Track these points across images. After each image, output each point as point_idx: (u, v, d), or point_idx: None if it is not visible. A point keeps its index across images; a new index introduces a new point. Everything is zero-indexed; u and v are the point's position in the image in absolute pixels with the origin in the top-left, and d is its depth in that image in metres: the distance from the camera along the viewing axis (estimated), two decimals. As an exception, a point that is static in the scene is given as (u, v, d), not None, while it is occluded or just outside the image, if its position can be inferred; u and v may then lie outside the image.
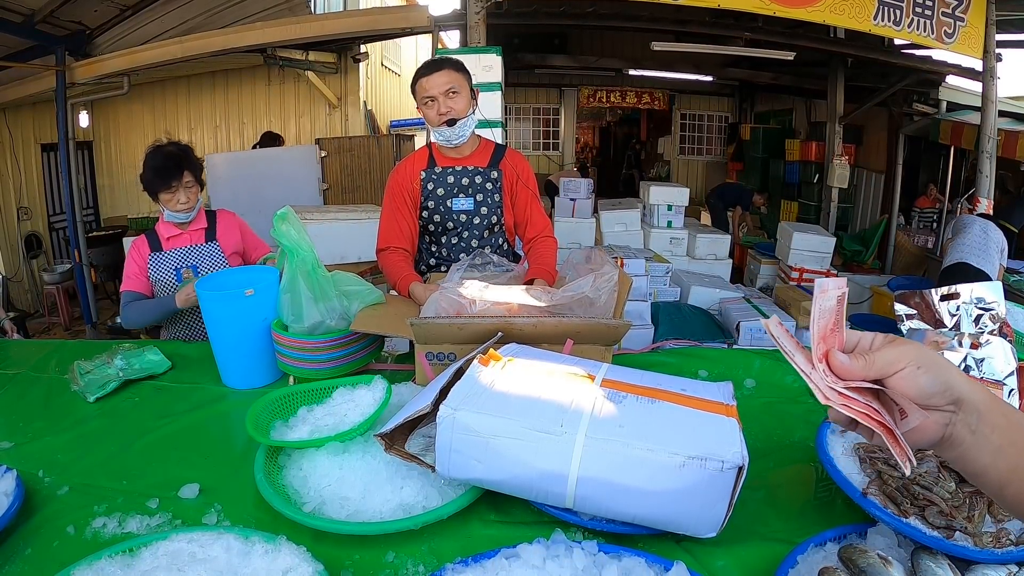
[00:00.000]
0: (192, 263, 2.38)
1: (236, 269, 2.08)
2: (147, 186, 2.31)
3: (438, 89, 2.10)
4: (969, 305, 1.81)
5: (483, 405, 1.09)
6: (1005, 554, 0.95)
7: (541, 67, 9.37)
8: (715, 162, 11.74)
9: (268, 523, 1.14)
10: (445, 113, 2.11)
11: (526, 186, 2.30)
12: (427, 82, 2.12)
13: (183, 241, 2.41)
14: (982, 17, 5.12)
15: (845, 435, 1.24)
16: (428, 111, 2.15)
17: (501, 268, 1.99)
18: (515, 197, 2.30)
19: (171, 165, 2.27)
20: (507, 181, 2.27)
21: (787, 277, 6.10)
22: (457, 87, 2.12)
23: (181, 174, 2.28)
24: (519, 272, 2.00)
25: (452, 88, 2.11)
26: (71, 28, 6.61)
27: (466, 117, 2.16)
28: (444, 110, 2.11)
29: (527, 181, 2.31)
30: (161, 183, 2.26)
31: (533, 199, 2.32)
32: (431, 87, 2.11)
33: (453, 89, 2.11)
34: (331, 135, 8.29)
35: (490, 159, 2.27)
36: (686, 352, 2.05)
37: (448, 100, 2.12)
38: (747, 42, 6.58)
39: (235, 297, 1.75)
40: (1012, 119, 6.76)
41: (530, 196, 2.31)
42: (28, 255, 7.97)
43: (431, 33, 6.13)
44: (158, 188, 2.28)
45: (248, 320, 1.77)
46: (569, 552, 0.98)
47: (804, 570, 0.98)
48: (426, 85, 2.12)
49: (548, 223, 2.35)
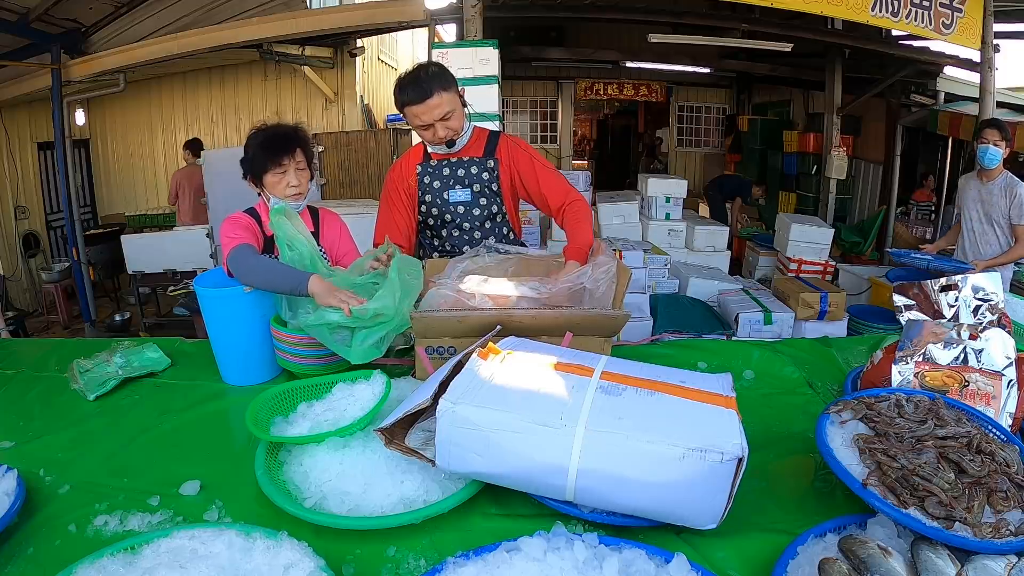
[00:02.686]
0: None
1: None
2: (251, 166, 1.97)
3: (431, 117, 2.03)
4: (968, 296, 1.81)
5: (483, 399, 1.10)
6: (1005, 544, 0.96)
7: (538, 60, 9.32)
8: (713, 154, 11.70)
9: (269, 519, 1.15)
10: (444, 136, 2.07)
11: (531, 162, 2.20)
12: (419, 109, 2.02)
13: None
14: (980, 8, 5.10)
15: (844, 426, 1.24)
16: (423, 133, 2.09)
17: (514, 252, 1.96)
18: (522, 179, 2.21)
19: (283, 139, 1.95)
20: (504, 170, 2.21)
21: (785, 268, 6.09)
22: (450, 109, 2.04)
23: (294, 150, 1.94)
24: (535, 255, 1.97)
25: (445, 112, 2.03)
26: (66, 26, 6.58)
27: (463, 132, 2.13)
28: (442, 134, 2.07)
29: (532, 158, 2.21)
30: (271, 160, 1.93)
31: (542, 170, 2.20)
32: (423, 116, 2.03)
33: (446, 112, 2.03)
34: (328, 130, 8.27)
35: (484, 148, 2.22)
36: (685, 344, 2.05)
37: (444, 124, 2.05)
38: (744, 33, 6.56)
39: (233, 295, 1.75)
40: (1010, 110, 6.74)
41: (538, 168, 2.20)
42: (26, 254, 7.95)
43: (427, 27, 6.10)
44: (266, 166, 1.93)
45: (246, 318, 1.76)
46: (570, 544, 0.98)
47: (804, 561, 0.99)
48: (417, 112, 2.03)
49: (569, 187, 2.19)
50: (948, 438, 1.17)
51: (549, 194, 2.17)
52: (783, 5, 4.86)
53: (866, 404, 1.30)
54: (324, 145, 7.39)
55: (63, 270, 7.41)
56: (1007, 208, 3.70)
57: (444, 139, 2.09)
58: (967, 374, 1.44)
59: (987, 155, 3.69)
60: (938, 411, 1.26)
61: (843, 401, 1.32)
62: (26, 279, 7.95)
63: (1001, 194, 3.72)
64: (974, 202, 3.89)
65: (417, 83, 2.02)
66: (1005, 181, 3.73)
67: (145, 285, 6.29)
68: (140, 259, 6.04)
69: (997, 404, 1.41)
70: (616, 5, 6.45)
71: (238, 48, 6.96)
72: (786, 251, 6.08)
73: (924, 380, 1.46)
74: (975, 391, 1.42)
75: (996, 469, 1.10)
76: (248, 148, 1.98)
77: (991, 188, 3.77)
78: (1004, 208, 3.71)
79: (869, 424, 1.24)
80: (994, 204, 3.76)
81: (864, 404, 1.30)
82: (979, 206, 3.86)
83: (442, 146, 2.12)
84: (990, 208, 3.79)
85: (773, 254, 6.61)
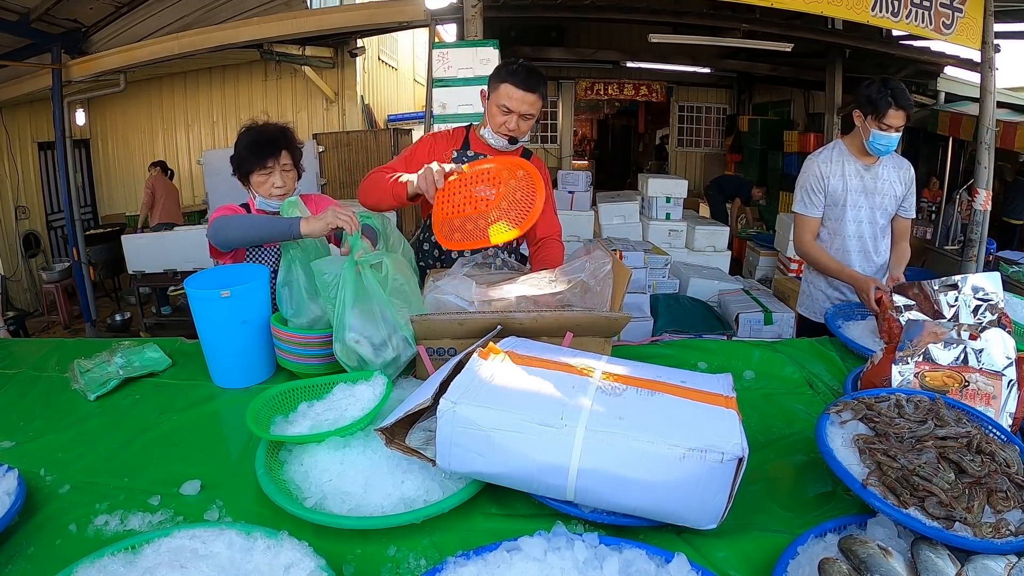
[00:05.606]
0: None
1: (228, 267, 1.94)
2: (238, 166, 2.03)
3: (521, 108, 2.10)
4: (968, 296, 1.82)
5: (483, 398, 1.10)
6: (1005, 544, 0.96)
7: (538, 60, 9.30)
8: (713, 154, 11.71)
9: (270, 519, 1.15)
10: (514, 130, 2.14)
11: (546, 187, 2.25)
12: (515, 94, 2.08)
13: None
14: (980, 8, 5.09)
15: (844, 426, 1.25)
16: (499, 116, 2.13)
17: (507, 268, 2.00)
18: None
19: (269, 141, 2.00)
20: None
21: (786, 268, 6.10)
22: (535, 112, 2.14)
23: (279, 152, 2.00)
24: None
25: (531, 113, 2.12)
26: (67, 26, 6.59)
27: (526, 138, 2.20)
28: (514, 127, 2.13)
29: (547, 183, 2.27)
30: (256, 161, 1.99)
31: (549, 198, 2.29)
32: (518, 103, 2.09)
33: (531, 113, 2.13)
34: (328, 130, 8.28)
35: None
36: (685, 344, 2.05)
37: (523, 121, 2.13)
38: (744, 33, 6.57)
39: (212, 298, 1.69)
40: (1010, 110, 6.74)
41: (548, 195, 2.26)
42: (26, 254, 7.96)
43: (428, 27, 6.11)
44: (252, 167, 1.99)
45: (229, 320, 1.71)
46: (570, 544, 0.98)
47: (804, 561, 0.99)
48: (515, 96, 2.08)
49: (560, 226, 2.34)
50: (948, 438, 1.17)
51: (545, 219, 2.23)
52: (783, 5, 4.86)
53: (866, 404, 1.30)
54: (324, 145, 7.41)
55: (63, 270, 7.42)
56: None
57: (513, 132, 2.14)
58: (967, 374, 1.44)
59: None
60: (938, 411, 1.26)
61: (843, 401, 1.32)
62: (26, 279, 7.96)
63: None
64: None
65: (531, 74, 2.10)
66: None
67: (145, 285, 6.30)
68: (140, 259, 6.04)
69: (997, 404, 1.41)
70: (616, 5, 6.46)
71: (238, 48, 6.97)
72: (786, 251, 6.08)
73: (924, 380, 1.46)
74: (975, 391, 1.42)
75: (996, 469, 1.10)
76: (236, 147, 2.03)
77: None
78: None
79: (869, 424, 1.24)
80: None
81: (864, 404, 1.30)
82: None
83: (501, 139, 2.16)
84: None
85: (773, 254, 6.62)
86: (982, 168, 5.32)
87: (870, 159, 2.46)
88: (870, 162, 2.46)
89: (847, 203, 2.48)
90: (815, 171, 2.50)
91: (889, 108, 2.28)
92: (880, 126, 2.32)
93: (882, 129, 2.32)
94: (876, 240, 2.53)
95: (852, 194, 2.47)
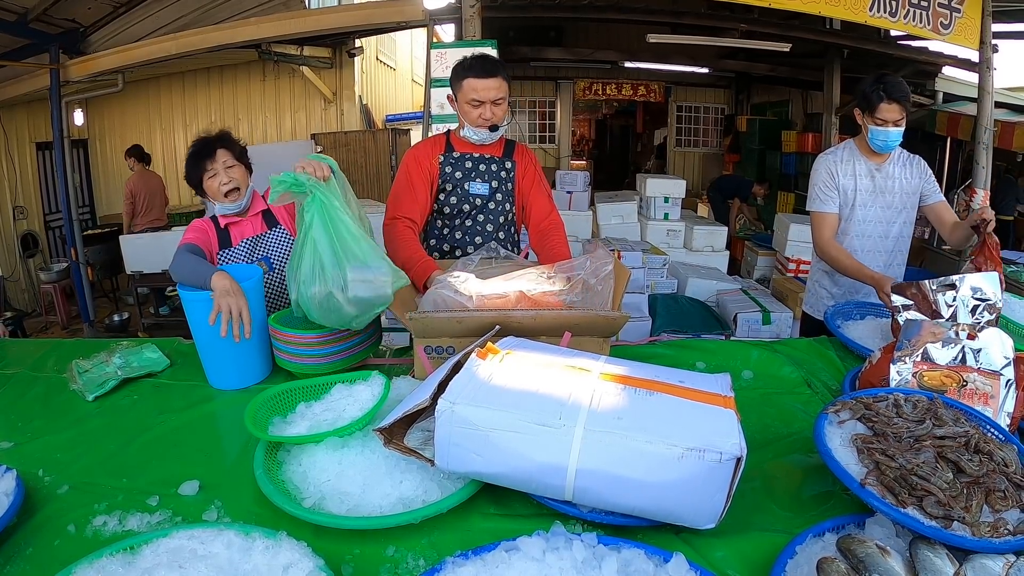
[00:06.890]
0: (264, 255, 2.15)
1: (223, 268, 1.92)
2: (189, 179, 2.13)
3: (488, 96, 2.15)
4: (966, 296, 1.82)
5: (482, 398, 1.10)
6: (1003, 543, 0.96)
7: (537, 60, 9.33)
8: (712, 154, 11.72)
9: (268, 519, 1.15)
10: (490, 119, 2.18)
11: (535, 172, 2.37)
12: (479, 84, 2.14)
13: (247, 230, 2.16)
14: (978, 8, 5.10)
15: (843, 426, 1.25)
16: (471, 110, 2.18)
17: (510, 260, 2.00)
18: (527, 184, 2.36)
19: (203, 147, 2.09)
20: (519, 173, 2.35)
21: (784, 268, 6.10)
22: (503, 95, 2.18)
23: (214, 152, 2.08)
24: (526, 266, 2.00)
25: (500, 97, 2.17)
26: (65, 26, 6.57)
27: (504, 123, 2.23)
28: (489, 115, 2.18)
29: (536, 168, 2.38)
30: (198, 167, 2.08)
31: (541, 182, 2.38)
32: (482, 92, 2.14)
33: (500, 97, 2.17)
34: (326, 130, 8.28)
35: (503, 150, 2.34)
36: (683, 344, 2.05)
37: (495, 107, 2.18)
38: (743, 33, 6.57)
39: (206, 299, 1.67)
40: (1008, 110, 6.75)
41: (539, 180, 2.37)
42: (24, 254, 7.94)
43: (426, 27, 6.10)
44: (198, 175, 2.08)
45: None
46: (569, 544, 0.98)
47: (803, 560, 0.99)
48: (477, 87, 2.14)
49: (554, 207, 2.38)
50: (946, 438, 1.18)
51: (537, 205, 2.33)
52: (781, 5, 4.86)
53: (864, 404, 1.30)
54: (322, 145, 7.39)
55: (62, 270, 7.40)
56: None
57: (490, 121, 2.18)
58: (965, 374, 1.44)
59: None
60: (936, 411, 1.27)
61: (841, 401, 1.33)
62: (25, 279, 7.94)
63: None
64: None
65: (486, 62, 2.18)
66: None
67: (144, 285, 6.29)
68: (139, 259, 6.03)
69: (995, 404, 1.41)
70: (615, 5, 6.46)
71: (237, 48, 6.96)
72: (785, 251, 6.08)
73: (922, 380, 1.46)
74: (973, 391, 1.43)
75: (994, 469, 1.10)
76: (184, 167, 2.14)
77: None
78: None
79: (867, 424, 1.24)
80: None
81: (862, 404, 1.30)
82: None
83: (482, 131, 2.20)
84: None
85: (772, 254, 6.62)
86: (980, 168, 5.33)
87: (879, 158, 2.46)
88: (880, 161, 2.46)
89: (856, 203, 2.48)
90: (827, 169, 2.50)
91: (880, 102, 2.28)
92: (875, 121, 2.32)
93: (878, 124, 2.32)
94: (882, 239, 2.53)
95: (862, 194, 2.47)
